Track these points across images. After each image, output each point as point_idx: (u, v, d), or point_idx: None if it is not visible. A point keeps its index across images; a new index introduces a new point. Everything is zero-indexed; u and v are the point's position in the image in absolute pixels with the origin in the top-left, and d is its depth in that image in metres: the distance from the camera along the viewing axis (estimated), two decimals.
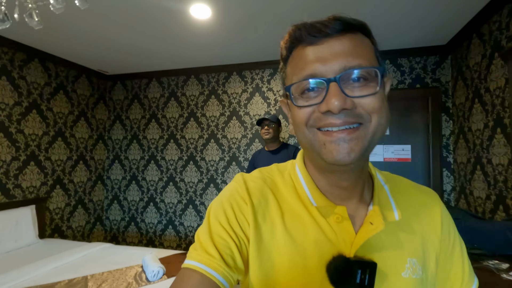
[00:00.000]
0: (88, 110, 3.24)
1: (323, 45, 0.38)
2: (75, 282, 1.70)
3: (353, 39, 0.39)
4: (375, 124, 0.38)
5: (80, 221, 3.11)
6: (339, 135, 0.37)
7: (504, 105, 1.74)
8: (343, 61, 0.37)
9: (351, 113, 0.37)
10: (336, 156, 0.37)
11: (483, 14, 1.90)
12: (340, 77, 0.36)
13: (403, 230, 0.44)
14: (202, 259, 0.40)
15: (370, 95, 0.37)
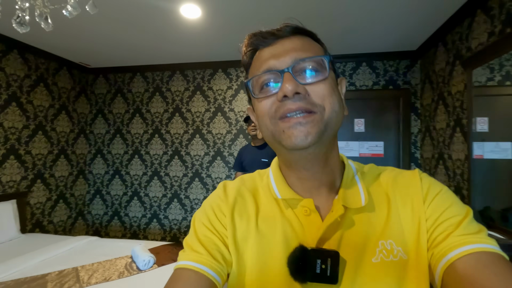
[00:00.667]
0: (69, 104, 3.18)
1: (276, 45, 0.44)
2: (66, 273, 1.74)
3: (302, 39, 0.44)
4: (329, 110, 0.40)
5: (61, 216, 3.07)
6: (296, 120, 0.39)
7: (463, 107, 1.97)
8: (294, 54, 0.41)
9: (305, 100, 0.40)
10: (294, 140, 0.39)
11: (447, 25, 2.12)
12: (292, 68, 0.40)
13: (375, 215, 0.43)
14: (190, 257, 0.42)
15: (319, 81, 0.40)
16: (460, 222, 0.39)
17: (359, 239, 0.41)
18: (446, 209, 0.41)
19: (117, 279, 1.67)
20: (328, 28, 2.27)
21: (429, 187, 0.43)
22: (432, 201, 0.42)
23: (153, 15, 2.05)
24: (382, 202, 0.44)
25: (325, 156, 0.44)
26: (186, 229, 3.17)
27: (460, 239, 0.37)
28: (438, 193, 0.43)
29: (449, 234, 0.38)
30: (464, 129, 1.95)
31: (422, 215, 0.41)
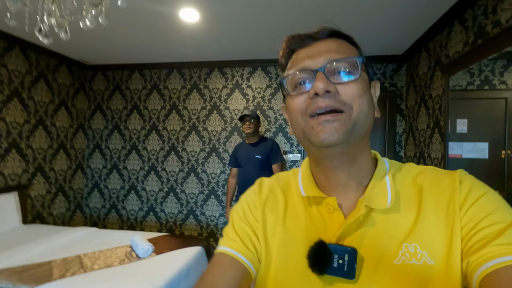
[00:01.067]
0: (69, 99, 3.27)
1: (312, 46, 0.46)
2: (70, 260, 1.86)
3: (338, 42, 0.46)
4: (357, 111, 0.41)
5: (60, 208, 3.18)
6: (325, 117, 0.41)
7: (441, 110, 2.13)
8: (328, 55, 0.43)
9: (335, 98, 0.41)
10: (321, 136, 0.40)
11: (430, 32, 2.27)
12: (325, 68, 0.42)
13: (401, 216, 0.42)
14: (227, 244, 0.49)
15: (350, 81, 0.42)
16: (503, 230, 0.35)
17: (381, 240, 0.41)
18: (487, 215, 0.37)
19: (118, 265, 1.79)
20: None
21: (468, 192, 0.40)
22: (470, 207, 0.39)
23: (153, 17, 2.15)
24: (412, 204, 0.43)
25: (352, 156, 0.44)
26: (182, 222, 3.30)
27: (500, 249, 0.34)
28: (478, 198, 0.39)
29: (488, 243, 0.35)
30: (442, 130, 2.11)
31: (457, 222, 0.39)
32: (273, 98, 3.14)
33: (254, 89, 3.18)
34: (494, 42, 1.54)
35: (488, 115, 2.12)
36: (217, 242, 3.20)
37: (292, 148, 3.10)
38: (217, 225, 3.22)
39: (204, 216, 3.25)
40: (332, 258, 0.40)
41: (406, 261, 0.39)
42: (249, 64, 3.16)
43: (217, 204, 3.23)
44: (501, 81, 1.94)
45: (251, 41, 2.63)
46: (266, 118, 3.14)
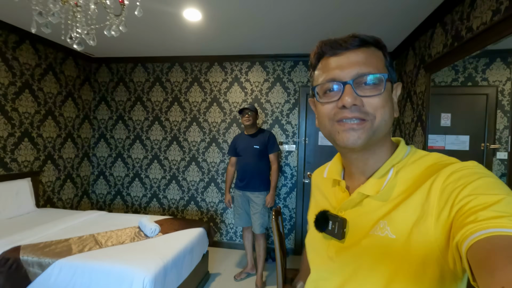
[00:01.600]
0: (75, 91, 3.42)
1: (342, 56, 0.50)
2: (85, 238, 2.07)
3: (366, 52, 0.50)
4: (379, 120, 0.48)
5: (69, 194, 3.37)
6: (350, 126, 0.48)
7: (423, 105, 2.33)
8: (357, 68, 0.48)
9: (360, 110, 0.47)
10: (346, 141, 0.48)
11: (416, 32, 2.43)
12: (353, 81, 0.47)
13: (387, 203, 0.49)
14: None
15: (375, 95, 0.47)
16: (490, 204, 0.36)
17: (366, 217, 0.51)
18: (468, 196, 0.39)
19: (130, 243, 2.01)
20: (309, 32, 2.56)
21: (455, 179, 0.42)
22: (453, 190, 0.41)
23: (158, 16, 2.30)
24: (402, 194, 0.48)
25: (370, 152, 0.52)
26: (183, 208, 3.51)
27: (477, 225, 0.35)
28: (466, 181, 0.41)
29: (474, 219, 0.36)
30: (423, 124, 2.31)
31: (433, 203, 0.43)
32: (270, 92, 3.31)
33: (252, 83, 3.35)
34: (467, 45, 1.72)
35: (470, 110, 2.30)
36: (216, 226, 3.43)
37: (288, 140, 3.29)
38: (217, 211, 3.44)
39: (205, 202, 3.47)
40: (328, 223, 0.55)
41: (375, 233, 0.48)
42: (248, 59, 3.32)
43: (216, 191, 3.44)
44: (483, 78, 2.11)
45: (249, 38, 2.78)
46: (263, 110, 3.32)
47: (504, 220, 0.34)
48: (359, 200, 0.53)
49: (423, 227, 0.43)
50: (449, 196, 0.41)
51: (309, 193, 3.20)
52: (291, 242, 3.32)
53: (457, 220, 0.38)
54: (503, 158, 1.91)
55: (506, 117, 1.93)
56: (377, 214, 0.50)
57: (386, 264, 0.45)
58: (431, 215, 0.43)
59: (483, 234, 0.33)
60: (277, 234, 1.76)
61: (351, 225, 0.53)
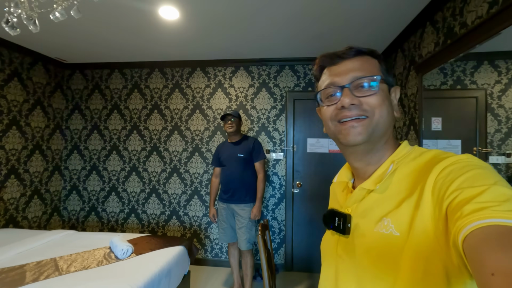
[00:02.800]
0: (45, 99, 3.15)
1: (340, 64, 0.56)
2: (44, 263, 1.79)
3: (361, 60, 0.55)
4: (378, 116, 0.52)
5: (36, 212, 3.06)
6: (351, 123, 0.52)
7: (415, 108, 2.22)
8: (353, 74, 0.53)
9: (359, 108, 0.52)
10: (348, 138, 0.53)
11: (405, 33, 2.35)
12: (350, 84, 0.53)
13: (388, 197, 0.51)
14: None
15: (371, 95, 0.52)
16: (473, 197, 0.37)
17: (370, 213, 0.53)
18: (455, 191, 0.40)
19: (96, 267, 1.75)
20: (296, 35, 2.44)
21: (446, 174, 0.44)
22: (442, 185, 0.42)
23: (131, 14, 2.12)
24: (402, 190, 0.49)
25: (373, 150, 0.55)
26: (164, 223, 3.25)
27: (463, 221, 0.36)
28: (454, 175, 0.42)
29: (460, 215, 0.37)
30: (416, 127, 2.19)
31: (426, 197, 0.44)
32: (255, 98, 3.16)
33: (236, 89, 3.19)
34: (461, 42, 1.62)
35: (461, 113, 2.22)
36: (200, 243, 3.18)
37: (275, 147, 3.12)
38: (201, 226, 3.20)
39: (187, 217, 3.22)
40: (334, 219, 0.59)
41: (379, 230, 0.49)
42: (232, 64, 3.17)
43: (200, 204, 3.20)
44: (471, 81, 2.04)
45: (233, 41, 2.63)
46: (249, 117, 3.16)
47: (486, 211, 0.35)
48: (362, 195, 0.56)
49: (421, 224, 0.44)
50: (439, 192, 0.43)
51: (299, 204, 3.04)
52: (281, 257, 3.10)
53: (450, 217, 0.40)
54: (495, 162, 1.83)
55: (496, 120, 1.84)
56: (381, 211, 0.51)
57: (392, 262, 0.46)
58: (427, 211, 0.44)
59: (469, 229, 0.35)
60: (264, 252, 1.56)
61: (356, 221, 0.55)
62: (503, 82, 1.71)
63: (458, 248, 0.37)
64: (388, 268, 0.46)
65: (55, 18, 0.90)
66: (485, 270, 0.31)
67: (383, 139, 0.55)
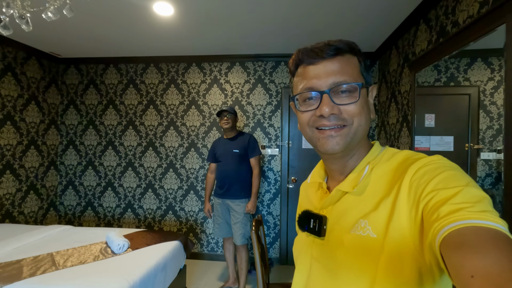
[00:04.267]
0: (39, 94, 3.14)
1: (319, 65, 0.52)
2: (41, 258, 1.82)
3: (341, 60, 0.52)
4: (356, 125, 0.51)
5: (32, 207, 3.07)
6: (329, 133, 0.51)
7: (409, 105, 2.24)
8: (333, 78, 0.50)
9: (338, 117, 0.50)
10: (326, 147, 0.52)
11: (399, 31, 2.36)
12: (330, 90, 0.50)
13: (364, 198, 0.51)
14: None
15: (352, 103, 0.50)
16: (448, 198, 0.38)
17: (346, 214, 0.52)
18: (431, 192, 0.41)
19: (92, 262, 1.78)
20: (291, 31, 2.44)
21: (420, 175, 0.44)
22: (418, 186, 0.43)
23: (126, 10, 2.11)
24: (378, 191, 0.49)
25: (348, 156, 0.56)
26: (161, 218, 3.28)
27: (440, 223, 0.36)
28: (429, 177, 0.43)
29: (436, 216, 0.38)
30: (409, 124, 2.22)
31: (402, 199, 0.44)
32: (251, 93, 3.16)
33: (232, 84, 3.19)
34: (453, 40, 1.64)
35: (454, 110, 2.25)
36: (196, 237, 3.22)
37: (271, 143, 3.14)
38: (197, 220, 3.23)
39: (184, 212, 3.25)
40: (309, 221, 0.57)
41: (356, 232, 0.49)
42: (227, 59, 3.17)
43: (196, 200, 3.23)
44: (465, 78, 2.06)
45: (228, 36, 2.63)
46: (244, 113, 3.17)
47: (461, 212, 0.35)
48: (338, 197, 0.55)
49: (398, 225, 0.44)
50: (415, 193, 0.43)
51: (293, 199, 3.08)
52: (276, 251, 3.15)
53: (425, 218, 0.40)
54: (486, 159, 1.86)
55: (488, 117, 1.87)
56: (357, 212, 0.51)
57: (370, 264, 0.46)
58: (403, 212, 0.44)
59: (446, 230, 0.35)
60: (258, 247, 1.59)
61: (332, 223, 0.54)
62: (495, 79, 1.73)
63: (434, 249, 0.37)
64: (366, 269, 0.46)
65: (47, 18, 0.90)
66: (464, 272, 0.31)
67: (360, 144, 0.55)
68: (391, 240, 0.44)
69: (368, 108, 0.55)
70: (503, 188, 1.37)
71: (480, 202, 0.37)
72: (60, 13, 0.97)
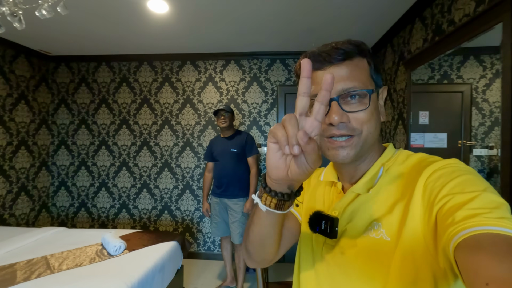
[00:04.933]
0: (29, 93, 3.05)
1: (327, 70, 0.51)
2: (35, 261, 1.77)
3: (350, 65, 0.50)
4: (366, 134, 0.50)
5: (23, 209, 3.00)
6: (339, 144, 0.49)
7: (404, 103, 2.26)
8: (342, 84, 0.48)
9: (347, 127, 0.49)
10: (336, 158, 0.50)
11: (394, 29, 2.37)
12: (339, 97, 0.49)
13: (378, 201, 0.50)
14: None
15: (361, 110, 0.49)
16: (464, 203, 0.37)
17: (359, 216, 0.51)
18: (446, 196, 0.40)
19: (88, 264, 1.74)
20: (287, 29, 2.43)
21: (435, 178, 0.43)
22: (433, 189, 0.42)
23: (118, 6, 2.06)
24: (392, 194, 0.49)
25: (360, 159, 0.54)
26: (156, 218, 3.24)
27: (455, 228, 0.35)
28: (444, 180, 0.42)
29: (451, 221, 0.36)
30: (405, 122, 2.24)
31: (416, 202, 0.44)
32: (246, 92, 3.15)
33: (227, 83, 3.16)
34: (449, 39, 1.65)
35: (447, 107, 2.27)
36: (193, 237, 3.20)
37: (266, 141, 3.13)
38: (193, 220, 3.21)
39: (179, 211, 3.22)
40: (321, 222, 0.55)
41: (370, 235, 0.49)
42: (222, 57, 3.14)
43: (192, 199, 3.21)
44: (458, 76, 2.08)
45: (223, 34, 2.60)
46: (240, 111, 3.15)
47: (477, 218, 0.34)
48: (352, 199, 0.54)
49: (411, 228, 0.43)
50: (430, 196, 0.42)
51: None
52: None
53: (440, 222, 0.39)
54: (479, 155, 1.89)
55: (480, 114, 1.90)
56: (370, 214, 0.50)
57: (383, 267, 0.46)
58: (417, 215, 0.43)
59: (461, 236, 0.34)
60: None
61: (343, 224, 0.53)
62: (487, 76, 1.76)
63: (447, 254, 0.37)
64: (378, 273, 0.46)
65: (41, 15, 0.86)
66: (479, 280, 0.30)
67: (371, 148, 0.54)
68: (405, 243, 0.44)
69: (378, 113, 0.53)
70: (499, 185, 1.39)
71: (498, 208, 0.36)
72: (53, 10, 0.93)
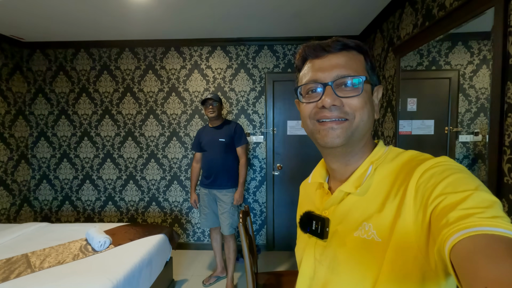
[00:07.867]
0: (2, 82, 2.87)
1: (324, 59, 0.52)
2: (15, 260, 1.71)
3: (347, 55, 0.52)
4: (358, 120, 0.50)
5: (3, 204, 2.88)
6: (330, 125, 0.50)
7: (393, 90, 2.24)
8: (337, 71, 0.50)
9: (340, 110, 0.49)
10: (326, 140, 0.51)
11: (384, 14, 2.31)
12: (333, 82, 0.50)
13: (368, 200, 0.50)
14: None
15: (354, 96, 0.50)
16: (457, 203, 0.37)
17: (349, 216, 0.51)
18: (439, 196, 0.39)
19: (72, 262, 1.69)
20: (274, 14, 2.34)
21: (427, 178, 0.43)
22: (425, 190, 0.42)
23: None
24: (382, 192, 0.49)
25: (351, 153, 0.54)
26: (144, 210, 3.19)
27: (450, 229, 0.35)
28: (436, 180, 0.42)
29: (445, 222, 0.36)
30: (393, 109, 2.22)
31: (409, 203, 0.43)
32: (234, 79, 3.06)
33: (214, 70, 3.06)
34: (440, 24, 1.61)
35: (435, 94, 2.27)
36: (182, 228, 3.17)
37: (255, 130, 3.08)
38: (182, 211, 3.17)
39: (168, 202, 3.17)
40: (312, 223, 0.56)
41: (361, 235, 0.48)
42: (208, 43, 3.02)
43: (180, 190, 3.15)
44: (446, 62, 2.07)
45: (208, 18, 2.48)
46: (227, 100, 3.07)
47: (472, 218, 0.34)
48: (341, 198, 0.54)
49: (403, 229, 0.43)
50: (422, 198, 0.42)
51: (279, 186, 3.07)
52: (263, 237, 3.17)
53: (434, 223, 0.39)
54: (464, 141, 1.90)
55: (467, 100, 1.90)
56: (360, 214, 0.50)
57: (373, 267, 0.45)
58: (409, 216, 0.43)
59: (456, 238, 0.34)
60: (245, 239, 1.56)
61: (334, 224, 0.53)
62: (474, 63, 1.74)
63: (443, 256, 0.36)
64: (369, 274, 0.46)
65: None
66: (477, 283, 0.30)
67: (362, 142, 0.54)
68: (396, 244, 0.44)
69: (372, 106, 0.53)
70: (486, 170, 1.40)
71: (491, 207, 0.36)
72: None
